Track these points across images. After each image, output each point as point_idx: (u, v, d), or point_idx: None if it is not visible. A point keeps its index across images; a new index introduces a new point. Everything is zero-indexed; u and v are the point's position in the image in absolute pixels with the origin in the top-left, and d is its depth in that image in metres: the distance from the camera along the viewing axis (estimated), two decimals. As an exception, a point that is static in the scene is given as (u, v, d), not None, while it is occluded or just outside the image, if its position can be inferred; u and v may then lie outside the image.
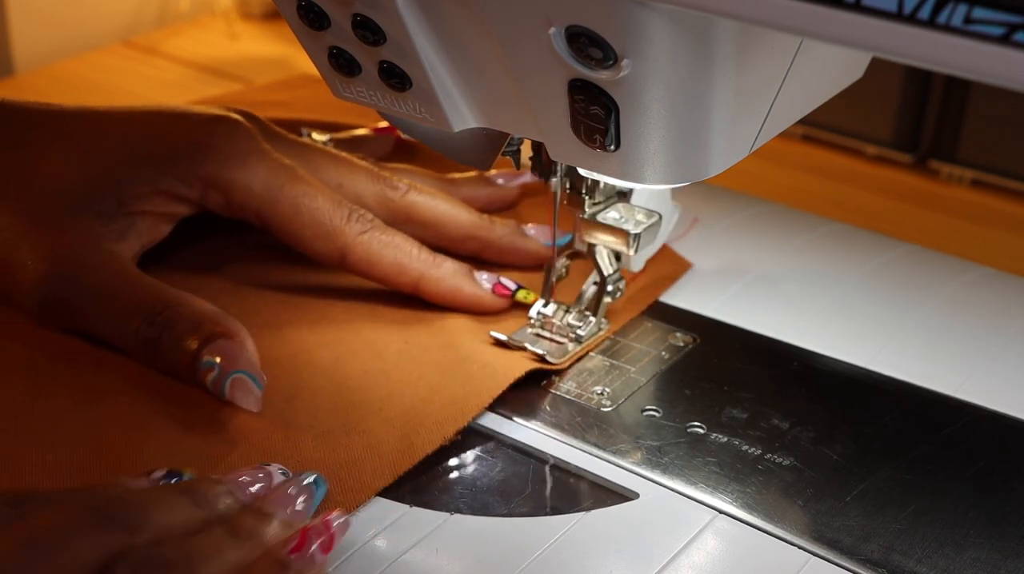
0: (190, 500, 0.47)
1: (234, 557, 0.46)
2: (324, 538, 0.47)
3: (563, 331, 0.62)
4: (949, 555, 0.50)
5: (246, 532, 0.47)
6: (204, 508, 0.47)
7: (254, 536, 0.47)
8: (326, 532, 0.47)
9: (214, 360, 0.56)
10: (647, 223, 0.60)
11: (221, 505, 0.48)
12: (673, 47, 0.44)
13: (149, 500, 0.46)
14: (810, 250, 0.72)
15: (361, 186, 0.66)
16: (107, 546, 0.43)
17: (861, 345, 0.63)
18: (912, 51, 0.36)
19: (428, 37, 0.49)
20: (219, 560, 0.45)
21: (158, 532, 0.45)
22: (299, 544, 0.46)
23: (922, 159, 0.87)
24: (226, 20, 1.10)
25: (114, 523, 0.44)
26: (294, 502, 0.49)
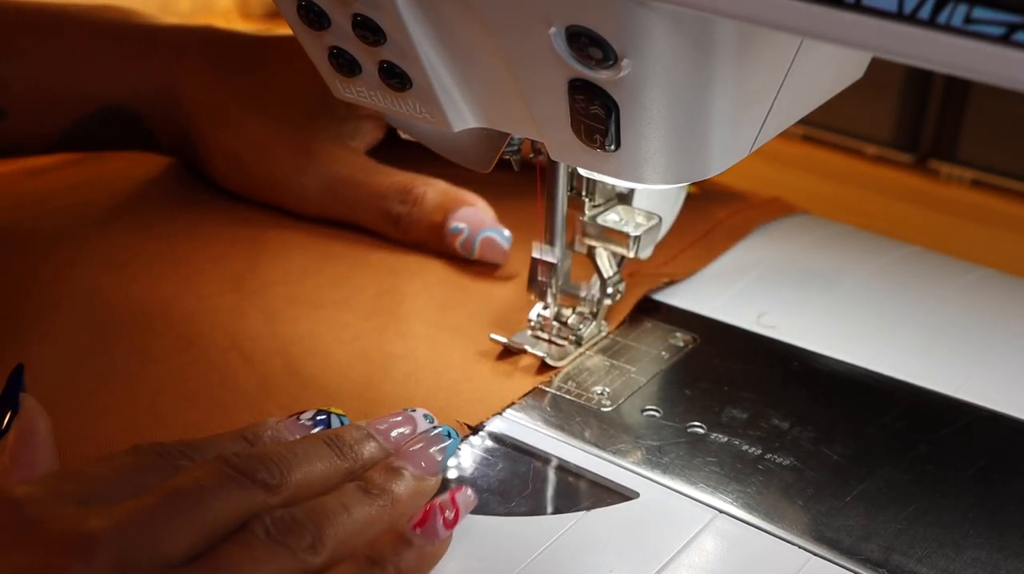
0: (334, 451, 0.49)
1: (363, 515, 0.47)
2: (450, 512, 0.48)
3: (563, 333, 0.62)
4: (949, 555, 0.50)
5: (377, 488, 0.48)
6: (347, 458, 0.49)
7: (385, 492, 0.48)
8: (452, 507, 0.48)
9: (461, 225, 0.67)
10: (647, 225, 0.60)
11: (365, 454, 0.49)
12: (673, 47, 0.44)
13: (292, 457, 0.47)
14: (810, 250, 0.72)
15: None
16: (247, 505, 0.45)
17: (861, 345, 0.63)
18: (912, 51, 0.36)
19: (428, 37, 0.49)
20: (349, 519, 0.46)
21: (296, 490, 0.46)
22: (423, 518, 0.47)
23: (922, 159, 0.88)
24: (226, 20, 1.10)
25: (255, 483, 0.45)
26: (427, 454, 0.50)
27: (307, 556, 0.44)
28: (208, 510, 0.44)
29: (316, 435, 0.50)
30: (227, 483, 0.45)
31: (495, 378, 0.60)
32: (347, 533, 0.46)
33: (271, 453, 0.47)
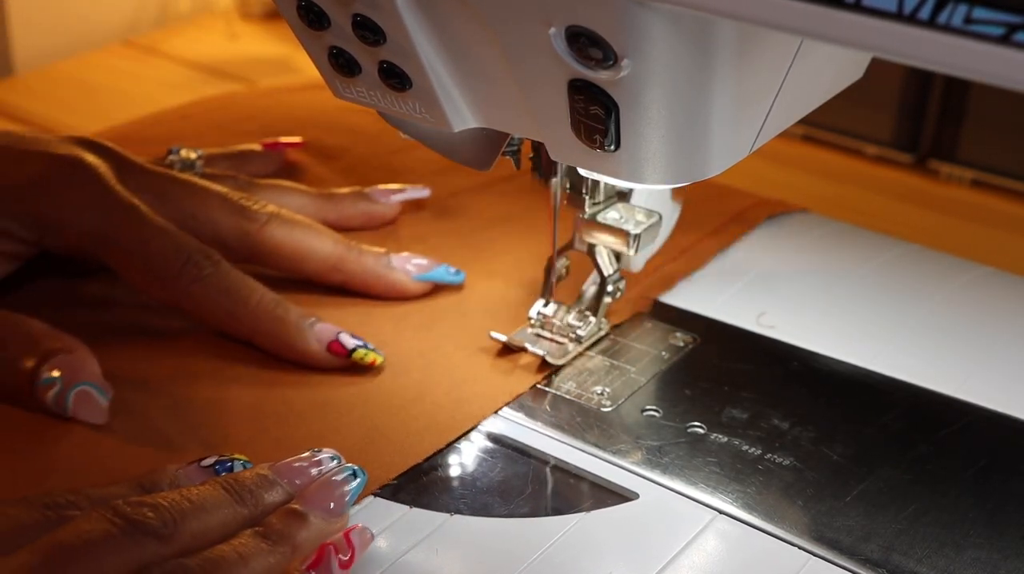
0: (232, 497, 0.47)
1: (262, 565, 0.45)
2: (344, 554, 0.47)
3: (563, 331, 0.62)
4: (949, 555, 0.50)
5: (278, 534, 0.46)
6: (246, 504, 0.47)
7: (285, 539, 0.46)
8: (347, 548, 0.47)
9: (54, 375, 0.54)
10: (647, 223, 0.60)
11: (267, 499, 0.48)
12: (673, 47, 0.44)
13: (186, 504, 0.46)
14: (810, 250, 0.72)
15: (217, 218, 0.63)
16: (136, 558, 0.43)
17: (861, 345, 0.63)
18: (912, 51, 0.36)
19: (428, 37, 0.49)
20: (246, 569, 0.44)
21: (191, 539, 0.45)
22: (317, 560, 0.46)
23: (922, 159, 0.88)
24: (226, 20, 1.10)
25: (147, 535, 0.44)
26: (333, 496, 0.48)
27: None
28: (95, 564, 0.42)
29: (215, 480, 0.48)
30: (115, 535, 0.43)
31: (495, 376, 0.60)
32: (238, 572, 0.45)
33: (164, 501, 0.46)
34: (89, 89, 0.96)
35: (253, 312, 0.60)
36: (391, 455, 0.54)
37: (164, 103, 0.89)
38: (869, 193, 0.85)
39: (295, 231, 0.64)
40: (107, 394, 0.55)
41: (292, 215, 0.65)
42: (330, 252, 0.64)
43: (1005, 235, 0.81)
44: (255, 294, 0.60)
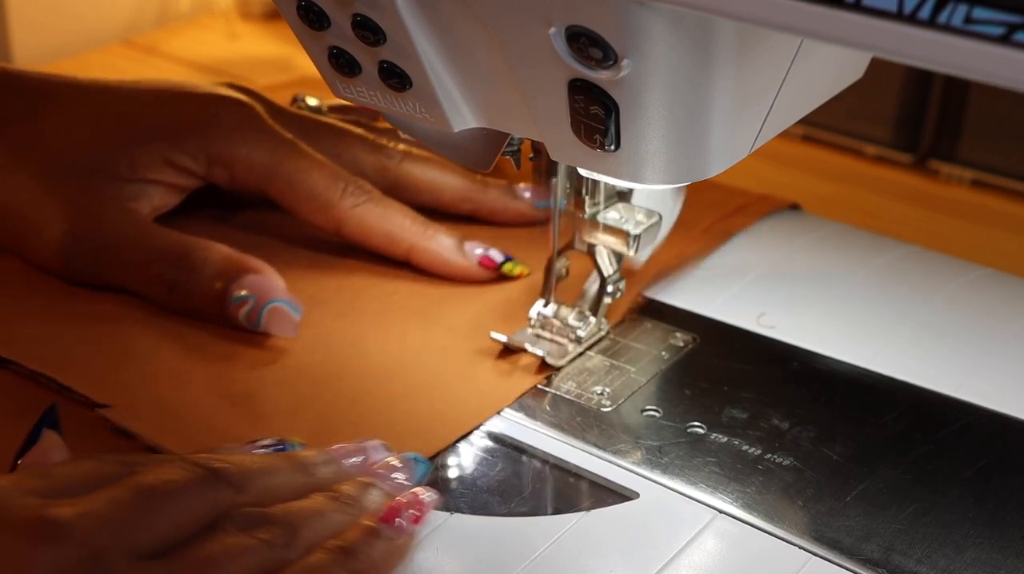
0: (292, 466, 0.49)
1: (334, 521, 0.47)
2: (415, 510, 0.49)
3: (563, 332, 0.62)
4: (949, 555, 0.50)
5: (347, 498, 0.48)
6: (306, 475, 0.49)
7: (354, 503, 0.48)
8: (417, 504, 0.49)
9: (244, 294, 0.60)
10: (647, 223, 0.60)
11: (322, 474, 0.50)
12: (673, 47, 0.44)
13: (254, 463, 0.48)
14: (810, 250, 0.72)
15: (359, 156, 0.69)
16: (215, 502, 0.45)
17: (861, 345, 0.63)
18: (912, 51, 0.36)
19: (428, 37, 0.49)
20: (320, 522, 0.47)
21: (262, 494, 0.47)
22: (390, 514, 0.48)
23: (922, 159, 0.87)
24: (226, 20, 1.10)
25: (220, 481, 0.46)
26: (396, 476, 0.51)
27: (283, 550, 0.44)
28: (178, 504, 0.44)
29: (276, 455, 0.50)
30: (195, 480, 0.45)
31: (495, 377, 0.60)
32: (319, 535, 0.46)
33: (234, 459, 0.48)
34: (89, 89, 0.96)
35: (409, 232, 0.66)
36: None
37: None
38: (869, 193, 0.85)
39: (428, 166, 0.71)
40: (299, 309, 0.61)
41: (422, 152, 0.70)
42: (460, 184, 0.71)
43: (1005, 235, 0.81)
44: (408, 216, 0.67)
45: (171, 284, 0.61)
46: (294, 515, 0.46)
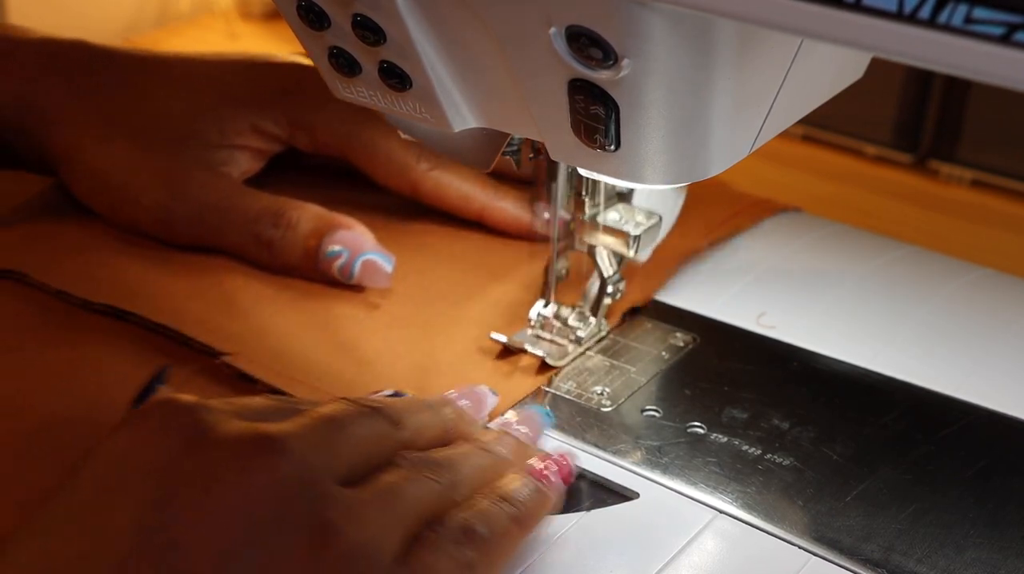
0: (426, 406, 0.51)
1: (485, 464, 0.49)
2: (563, 468, 0.52)
3: (563, 332, 0.62)
4: (949, 555, 0.50)
5: (489, 447, 0.50)
6: (439, 415, 0.51)
7: (496, 452, 0.50)
8: (565, 463, 0.52)
9: (339, 247, 0.64)
10: (647, 224, 0.60)
11: (449, 414, 0.52)
12: (673, 47, 0.44)
13: (399, 402, 0.50)
14: (810, 250, 0.72)
15: None
16: (385, 435, 0.47)
17: (861, 345, 0.63)
18: (912, 51, 0.36)
19: (428, 37, 0.49)
20: (473, 465, 0.49)
21: (414, 431, 0.49)
22: (542, 471, 0.50)
23: (922, 159, 0.87)
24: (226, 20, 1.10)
25: (384, 417, 0.48)
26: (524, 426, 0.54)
27: (450, 491, 0.46)
28: (359, 434, 0.46)
29: (407, 398, 0.53)
30: (365, 413, 0.47)
31: (495, 378, 0.60)
32: (475, 478, 0.48)
33: (387, 400, 0.50)
34: (89, 89, 0.96)
35: (482, 192, 0.70)
36: None
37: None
38: (869, 193, 0.85)
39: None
40: (391, 260, 0.65)
41: None
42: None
43: (1005, 235, 0.81)
44: (479, 179, 0.70)
45: (268, 242, 0.65)
46: (453, 460, 0.48)
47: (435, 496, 0.46)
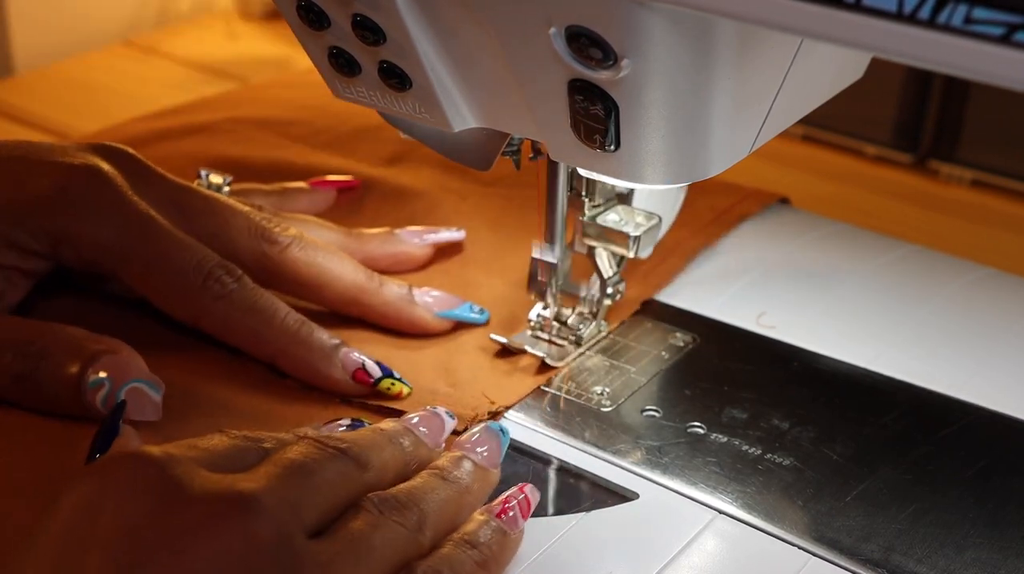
0: (388, 440, 0.50)
1: (445, 497, 0.48)
2: (524, 504, 0.50)
3: (563, 333, 0.62)
4: (949, 555, 0.50)
5: (450, 474, 0.49)
6: (400, 449, 0.50)
7: (458, 479, 0.49)
8: (525, 499, 0.50)
9: (102, 377, 0.53)
10: (647, 225, 0.60)
11: (408, 445, 0.50)
12: (673, 47, 0.44)
13: (362, 438, 0.48)
14: (810, 250, 0.72)
15: (236, 237, 0.61)
16: (347, 478, 0.46)
17: (861, 345, 0.63)
18: (912, 51, 0.36)
19: (428, 37, 0.49)
20: (437, 500, 0.48)
21: (379, 470, 0.48)
22: (503, 509, 0.49)
23: (922, 159, 0.87)
24: (226, 20, 1.10)
25: (351, 459, 0.46)
26: (483, 447, 0.52)
27: (417, 535, 0.46)
28: (326, 481, 0.45)
29: (370, 429, 0.51)
30: (331, 456, 0.46)
31: (495, 377, 0.60)
32: (439, 515, 0.47)
33: (348, 437, 0.48)
34: (89, 89, 0.96)
35: (278, 332, 0.58)
36: None
37: (164, 103, 0.89)
38: (869, 193, 0.85)
39: (317, 257, 0.62)
40: (159, 389, 0.54)
41: (314, 239, 0.62)
42: (351, 281, 0.62)
43: (1005, 235, 0.81)
44: (279, 313, 0.58)
45: (18, 375, 0.54)
46: (417, 496, 0.47)
47: (403, 541, 0.45)
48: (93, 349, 0.54)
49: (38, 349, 0.54)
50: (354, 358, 0.58)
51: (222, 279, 0.58)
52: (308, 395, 0.58)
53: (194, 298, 0.58)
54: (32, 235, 0.58)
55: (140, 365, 0.55)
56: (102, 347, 0.54)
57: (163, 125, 0.82)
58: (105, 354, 0.54)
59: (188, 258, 0.58)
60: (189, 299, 0.58)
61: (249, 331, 0.58)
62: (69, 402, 0.54)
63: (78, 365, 0.54)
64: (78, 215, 0.58)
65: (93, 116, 0.90)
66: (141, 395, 0.54)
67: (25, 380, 0.54)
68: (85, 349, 0.54)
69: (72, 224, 0.58)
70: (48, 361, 0.54)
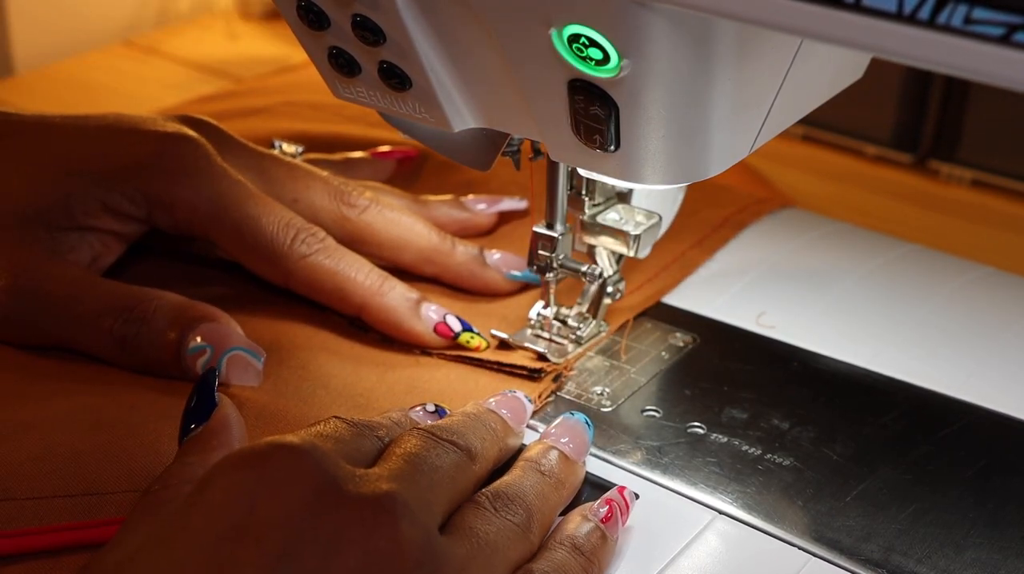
0: (482, 425, 0.51)
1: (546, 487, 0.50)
2: (627, 510, 0.51)
3: (563, 332, 0.62)
4: (949, 555, 0.50)
5: (545, 468, 0.51)
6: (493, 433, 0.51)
7: (553, 473, 0.51)
8: (626, 504, 0.51)
9: (201, 343, 0.56)
10: (647, 224, 0.60)
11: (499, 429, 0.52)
12: (673, 47, 0.44)
13: (462, 426, 0.50)
14: (810, 250, 0.72)
15: (317, 200, 0.64)
16: (461, 471, 0.47)
17: (861, 345, 0.63)
18: (912, 51, 0.36)
19: (428, 37, 0.49)
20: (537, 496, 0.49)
21: (484, 461, 0.49)
22: (609, 514, 0.50)
23: (922, 159, 0.87)
24: (226, 20, 1.10)
25: (460, 450, 0.48)
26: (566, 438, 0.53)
27: (527, 534, 0.47)
28: (447, 478, 0.46)
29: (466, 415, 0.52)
30: (443, 448, 0.47)
31: (500, 374, 0.60)
32: (542, 511, 0.49)
33: (451, 425, 0.49)
34: (89, 89, 0.96)
35: (361, 288, 0.61)
36: None
37: (164, 103, 0.89)
38: (869, 193, 0.85)
39: (394, 218, 0.65)
40: (260, 356, 0.57)
41: (391, 202, 0.66)
42: (427, 243, 0.65)
43: (1005, 235, 0.81)
44: (363, 270, 0.61)
45: (121, 338, 0.57)
46: (522, 492, 0.48)
47: (518, 541, 0.46)
48: (192, 315, 0.57)
49: (139, 314, 0.57)
50: (436, 311, 0.61)
51: (308, 240, 0.61)
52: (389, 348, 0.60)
53: (282, 258, 0.61)
54: (129, 199, 0.61)
55: (238, 332, 0.57)
56: (201, 314, 0.57)
57: (220, 107, 0.84)
58: (204, 321, 0.57)
59: (276, 221, 0.61)
60: (278, 259, 0.61)
61: (335, 288, 0.61)
62: (169, 365, 0.57)
63: (177, 330, 0.56)
64: (174, 179, 0.60)
65: (93, 116, 0.90)
66: (243, 362, 0.56)
67: (127, 344, 0.57)
68: (184, 315, 0.57)
69: (168, 188, 0.61)
70: (149, 326, 0.57)
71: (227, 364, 0.56)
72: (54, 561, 0.48)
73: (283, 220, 0.61)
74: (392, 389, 0.59)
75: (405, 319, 0.61)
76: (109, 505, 0.50)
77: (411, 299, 0.61)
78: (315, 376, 0.59)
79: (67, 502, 0.50)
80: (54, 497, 0.50)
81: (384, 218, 0.65)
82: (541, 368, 0.59)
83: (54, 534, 0.49)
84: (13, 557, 0.48)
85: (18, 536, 0.48)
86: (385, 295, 0.61)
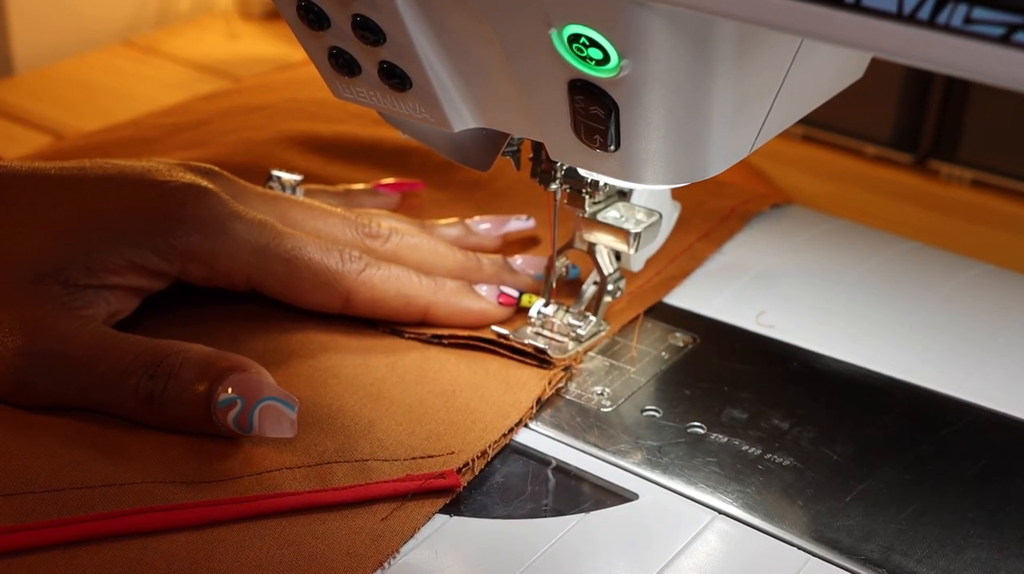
0: None
1: None
2: None
3: (563, 330, 0.62)
4: (949, 555, 0.50)
5: None
6: None
7: None
8: None
9: (232, 395, 0.53)
10: (647, 222, 0.60)
11: None
12: (673, 47, 0.44)
13: None
14: (810, 248, 0.72)
15: (340, 237, 0.63)
16: None
17: (861, 345, 0.63)
18: (912, 51, 0.36)
19: (428, 37, 0.49)
20: None
21: None
22: None
23: (922, 159, 0.87)
24: (226, 20, 1.10)
25: None
26: None
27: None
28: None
29: None
30: None
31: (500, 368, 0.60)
32: None
33: None
34: (89, 89, 0.96)
35: (421, 288, 0.62)
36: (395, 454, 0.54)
37: (164, 103, 0.89)
38: (869, 193, 0.85)
39: (416, 245, 0.65)
40: (294, 405, 0.54)
41: (412, 230, 0.66)
42: (453, 263, 0.65)
43: (1005, 235, 0.81)
44: (413, 273, 0.62)
45: (148, 396, 0.54)
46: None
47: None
48: (221, 366, 0.54)
49: (165, 369, 0.54)
50: (488, 289, 0.63)
51: (355, 256, 0.61)
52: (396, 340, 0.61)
53: (341, 278, 0.61)
54: (160, 255, 0.59)
55: (270, 382, 0.54)
56: (230, 364, 0.54)
57: (223, 105, 0.84)
58: (233, 371, 0.54)
59: (320, 246, 0.61)
60: (337, 280, 0.61)
61: (398, 295, 0.62)
62: (198, 421, 0.54)
63: (206, 383, 0.54)
64: (208, 232, 0.59)
65: (93, 116, 0.90)
66: (276, 412, 0.53)
67: (154, 401, 0.54)
68: (213, 367, 0.54)
69: (204, 241, 0.59)
70: (176, 380, 0.54)
71: (259, 416, 0.53)
72: (71, 553, 0.48)
73: (325, 245, 0.61)
74: (403, 378, 0.59)
75: (474, 303, 0.63)
76: (127, 496, 0.50)
77: (463, 285, 0.63)
78: (326, 366, 0.59)
79: (85, 494, 0.50)
80: (72, 489, 0.50)
81: (408, 245, 0.65)
82: (548, 357, 0.60)
83: (72, 526, 0.48)
84: (32, 549, 0.48)
85: (37, 529, 0.48)
86: (444, 289, 0.62)
